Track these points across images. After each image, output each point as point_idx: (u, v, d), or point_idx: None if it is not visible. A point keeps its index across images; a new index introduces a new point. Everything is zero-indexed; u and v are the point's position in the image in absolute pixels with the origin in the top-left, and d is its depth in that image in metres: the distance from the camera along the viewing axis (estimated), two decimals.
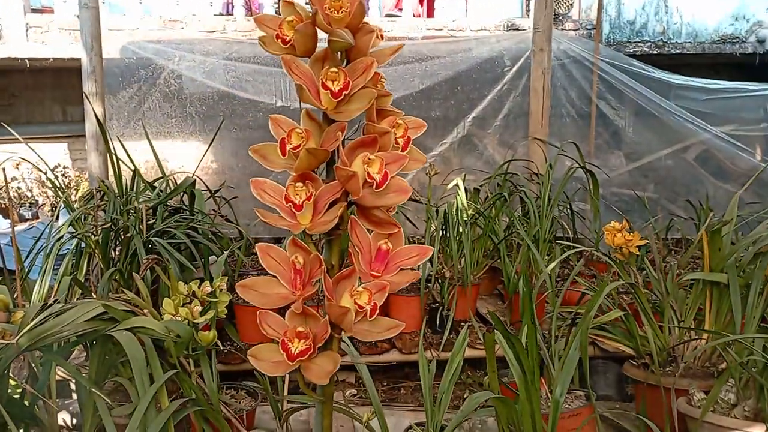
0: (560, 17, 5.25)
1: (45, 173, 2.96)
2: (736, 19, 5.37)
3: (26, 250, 2.73)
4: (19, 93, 5.43)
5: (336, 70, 0.79)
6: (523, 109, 3.91)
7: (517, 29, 5.13)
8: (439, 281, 2.96)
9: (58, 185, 2.89)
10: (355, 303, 0.76)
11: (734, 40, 5.37)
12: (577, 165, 3.23)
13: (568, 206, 3.17)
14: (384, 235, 0.80)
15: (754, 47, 5.45)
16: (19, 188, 5.50)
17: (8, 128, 2.64)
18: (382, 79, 0.87)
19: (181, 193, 2.93)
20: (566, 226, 3.25)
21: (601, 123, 4.17)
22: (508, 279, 2.89)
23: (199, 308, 1.70)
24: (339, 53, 0.82)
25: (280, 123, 0.82)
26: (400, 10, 5.45)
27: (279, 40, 0.82)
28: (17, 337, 1.47)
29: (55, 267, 2.53)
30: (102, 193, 2.70)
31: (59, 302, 1.68)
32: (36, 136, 5.48)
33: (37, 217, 5.34)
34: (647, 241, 2.20)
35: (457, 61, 3.96)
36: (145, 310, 1.73)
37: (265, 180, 0.80)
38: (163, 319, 1.71)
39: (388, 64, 4.06)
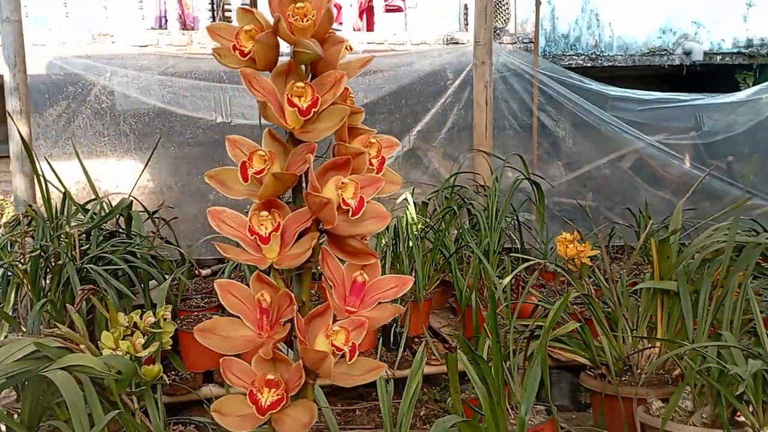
0: (498, 31, 5.34)
1: None
2: (664, 32, 5.60)
3: None
4: None
5: (302, 84, 0.71)
6: (467, 121, 3.93)
7: (456, 43, 5.18)
8: None
9: None
10: (332, 344, 0.69)
11: (662, 53, 5.61)
12: (522, 176, 3.26)
13: (515, 217, 3.18)
14: (358, 266, 0.73)
15: (681, 59, 5.70)
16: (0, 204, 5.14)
17: None
18: (350, 95, 0.80)
19: (117, 216, 2.78)
20: (514, 238, 3.26)
21: (542, 134, 4.24)
22: (460, 292, 2.86)
23: (142, 340, 1.59)
24: (304, 66, 0.75)
25: (239, 144, 0.73)
26: (340, 23, 5.41)
27: (237, 51, 0.73)
28: None
29: None
30: (29, 218, 2.52)
31: None
32: None
33: None
34: (599, 251, 2.21)
35: (401, 74, 3.95)
36: (82, 346, 1.59)
37: (223, 209, 0.72)
38: (101, 354, 1.59)
39: None
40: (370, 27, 5.83)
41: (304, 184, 0.71)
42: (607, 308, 2.25)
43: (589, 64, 5.46)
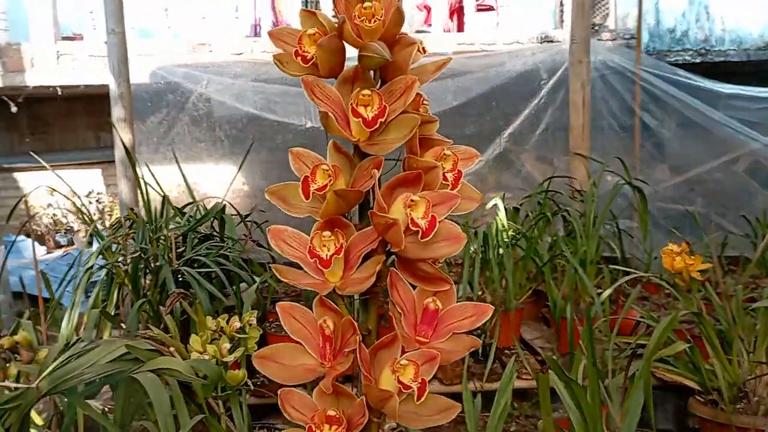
0: (596, 27, 5.08)
1: (70, 200, 2.91)
2: None
3: (60, 277, 2.68)
4: (53, 121, 5.47)
5: (369, 92, 0.65)
6: (562, 123, 3.75)
7: (551, 41, 4.98)
8: None
9: (86, 212, 2.83)
10: (398, 381, 0.62)
11: None
12: (623, 181, 3.06)
13: (615, 224, 2.99)
14: (430, 292, 0.66)
15: None
16: (54, 215, 5.53)
17: (36, 156, 2.59)
18: (424, 102, 0.72)
19: (212, 219, 2.85)
20: (613, 246, 3.07)
21: (645, 135, 3.98)
22: (554, 304, 2.72)
23: (228, 345, 1.59)
24: (372, 72, 0.69)
25: (303, 158, 0.68)
26: (429, 25, 5.36)
27: (299, 57, 0.67)
28: (37, 381, 1.38)
29: (89, 295, 2.46)
30: (131, 221, 2.63)
31: (83, 340, 1.58)
32: (71, 163, 5.51)
33: (73, 244, 5.34)
34: (710, 264, 2.02)
35: (491, 76, 3.83)
36: (172, 348, 1.62)
37: (285, 228, 0.66)
38: (190, 356, 1.61)
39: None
40: (460, 28, 5.73)
41: (371, 201, 0.65)
42: (720, 327, 2.05)
43: (697, 60, 5.09)
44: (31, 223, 5.29)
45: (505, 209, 2.99)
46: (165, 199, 2.73)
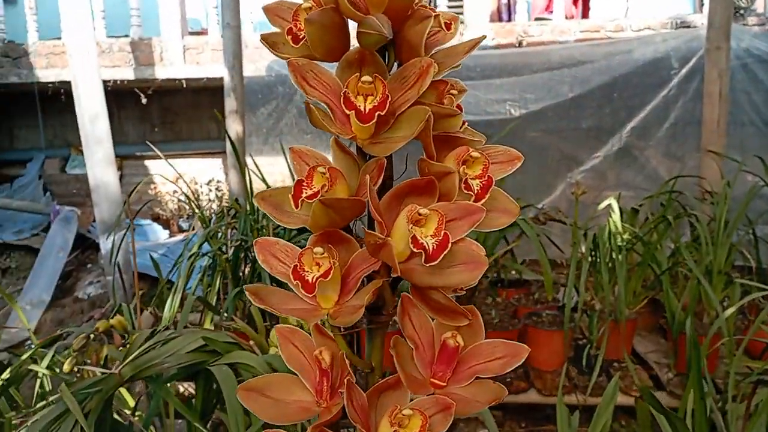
0: (741, 11, 4.56)
1: (189, 187, 3.04)
2: None
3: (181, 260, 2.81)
4: (181, 111, 5.80)
5: (370, 79, 0.51)
6: (693, 116, 3.39)
7: (687, 26, 4.54)
8: (587, 313, 2.60)
9: (195, 200, 2.93)
10: None
11: None
12: (762, 181, 2.70)
13: (751, 231, 2.65)
14: (451, 326, 0.53)
15: None
16: (179, 200, 5.87)
17: (153, 147, 2.71)
18: (451, 91, 0.57)
19: None
20: (747, 255, 2.72)
21: None
22: (672, 316, 2.45)
23: None
24: (387, 54, 0.56)
25: (305, 157, 0.56)
26: (551, 12, 5.07)
27: (290, 36, 0.55)
28: (120, 367, 1.41)
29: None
30: (234, 210, 2.69)
31: (168, 328, 1.61)
32: (196, 152, 5.84)
33: (194, 229, 5.65)
34: None
35: (614, 64, 3.53)
36: (252, 342, 1.62)
37: (276, 240, 0.55)
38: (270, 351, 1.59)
39: (532, 70, 3.74)
40: (585, 14, 5.38)
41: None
42: None
43: None
44: (156, 208, 5.66)
45: (621, 210, 2.73)
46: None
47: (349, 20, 0.54)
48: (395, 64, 0.55)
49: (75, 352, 1.63)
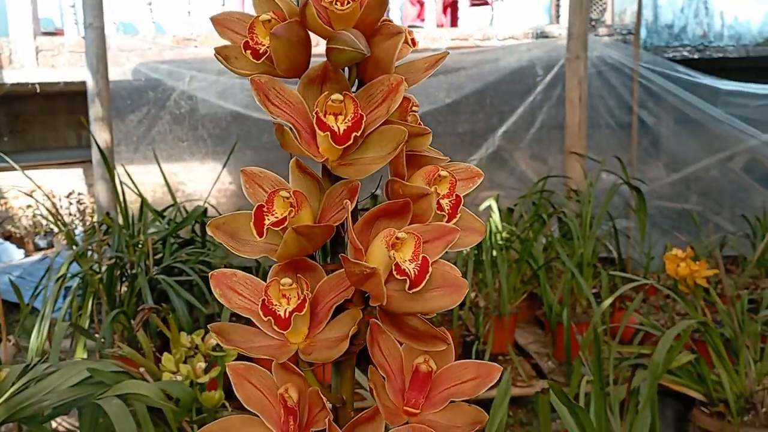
0: (593, 22, 4.98)
1: (49, 200, 2.78)
2: None
3: (35, 282, 2.55)
4: (33, 119, 5.32)
5: (341, 97, 0.48)
6: (557, 120, 3.64)
7: (546, 36, 4.87)
8: (473, 310, 2.70)
9: (59, 216, 2.69)
10: None
11: None
12: (621, 180, 2.96)
13: (612, 225, 2.89)
14: (421, 351, 0.51)
15: None
16: (34, 216, 5.38)
17: (5, 157, 2.46)
18: (413, 108, 0.55)
19: (193, 222, 2.73)
20: (610, 247, 2.97)
21: (642, 132, 3.88)
22: (549, 308, 2.62)
23: (203, 364, 1.48)
24: (348, 70, 0.53)
25: (258, 180, 0.52)
26: (423, 20, 5.23)
27: (248, 51, 0.52)
28: None
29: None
30: (106, 226, 2.50)
31: (44, 361, 1.46)
32: (51, 162, 5.37)
33: (52, 246, 5.19)
34: (717, 271, 1.91)
35: (485, 72, 3.71)
36: (142, 369, 1.51)
37: (233, 272, 0.50)
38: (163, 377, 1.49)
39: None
40: (454, 23, 5.62)
41: (345, 235, 0.51)
42: (723, 332, 1.95)
43: (695, 56, 4.99)
44: (8, 226, 5.14)
45: (499, 210, 2.87)
46: (143, 202, 2.61)
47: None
48: (357, 81, 0.53)
49: None
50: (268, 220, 0.47)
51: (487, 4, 5.47)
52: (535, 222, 2.87)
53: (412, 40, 0.56)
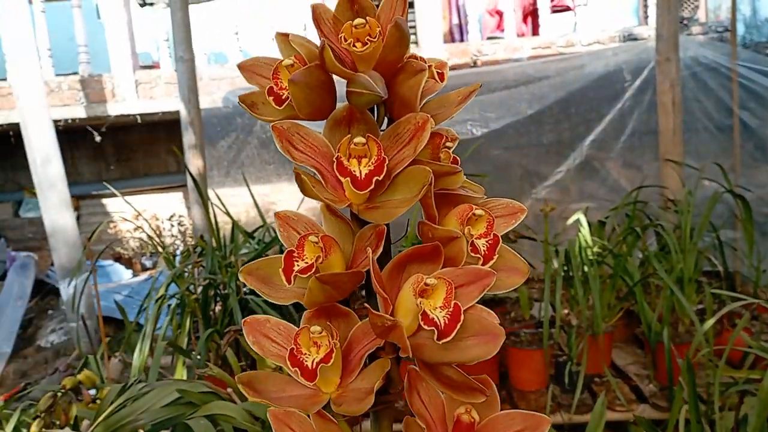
0: (685, 21, 4.72)
1: (149, 224, 2.94)
2: None
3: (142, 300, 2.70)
4: (136, 147, 5.68)
5: (362, 140, 0.47)
6: (650, 126, 3.47)
7: (635, 39, 4.66)
8: (565, 330, 2.60)
9: (158, 239, 2.84)
10: None
11: None
12: (722, 188, 2.76)
13: (716, 237, 2.70)
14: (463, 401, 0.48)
15: None
16: (141, 238, 5.71)
17: (108, 186, 2.63)
18: (447, 144, 0.52)
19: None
20: (714, 261, 2.77)
21: (744, 135, 3.62)
22: (648, 327, 2.47)
23: None
24: (376, 108, 0.52)
25: (292, 222, 0.52)
26: (502, 30, 5.16)
27: (272, 97, 0.50)
28: (92, 428, 1.33)
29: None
30: (201, 248, 2.61)
31: (141, 381, 1.53)
32: (154, 187, 5.70)
33: (157, 266, 5.50)
34: None
35: (569, 80, 3.60)
36: (229, 389, 1.55)
37: (267, 318, 0.50)
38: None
39: (490, 89, 3.78)
40: (535, 31, 5.49)
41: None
42: None
43: None
44: (117, 248, 5.50)
45: (589, 224, 2.76)
46: (234, 224, 2.70)
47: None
48: (385, 119, 0.52)
49: (42, 413, 1.54)
50: (297, 266, 0.46)
51: (569, 9, 5.32)
52: (628, 235, 2.73)
53: (440, 74, 0.54)
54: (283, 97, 0.50)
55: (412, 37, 6.57)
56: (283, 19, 4.86)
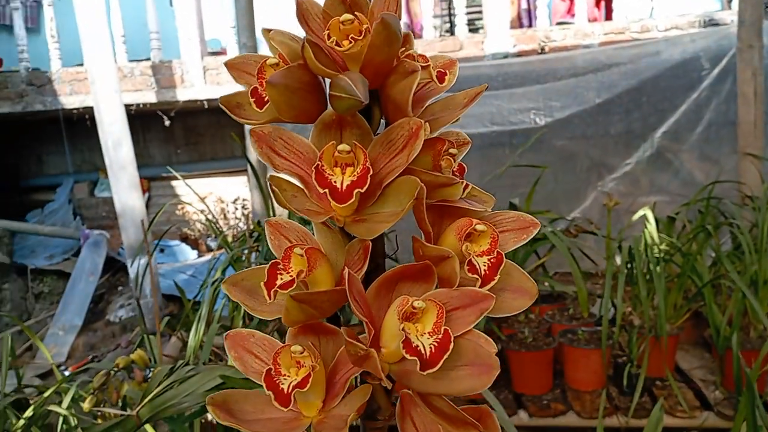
0: None
1: (206, 207, 3.00)
2: None
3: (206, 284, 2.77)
4: (204, 131, 5.82)
5: (347, 148, 0.43)
6: (728, 118, 3.26)
7: (716, 24, 4.39)
8: (626, 329, 2.49)
9: (215, 223, 2.90)
10: None
11: None
12: None
13: None
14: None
15: None
16: (207, 220, 5.87)
17: (174, 172, 2.70)
18: (449, 152, 0.47)
19: None
20: None
21: None
22: (716, 331, 2.33)
23: None
24: (373, 112, 0.47)
25: (284, 231, 0.48)
26: (573, 15, 4.96)
27: (254, 98, 0.47)
28: (138, 408, 1.37)
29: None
30: (257, 233, 2.65)
31: (189, 364, 1.56)
32: (220, 171, 5.84)
33: (221, 248, 5.63)
34: None
35: (642, 67, 3.41)
36: None
37: (251, 333, 0.47)
38: None
39: (557, 77, 3.64)
40: (609, 16, 5.26)
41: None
42: None
43: None
44: (184, 228, 5.68)
45: (657, 220, 2.62)
46: (290, 211, 2.72)
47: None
48: (382, 121, 0.47)
49: (95, 390, 1.60)
50: (281, 279, 0.43)
51: None
52: (700, 233, 2.58)
53: (440, 74, 0.49)
54: (266, 98, 0.47)
55: (478, 24, 6.41)
56: None
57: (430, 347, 0.40)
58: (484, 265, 0.44)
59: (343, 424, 0.41)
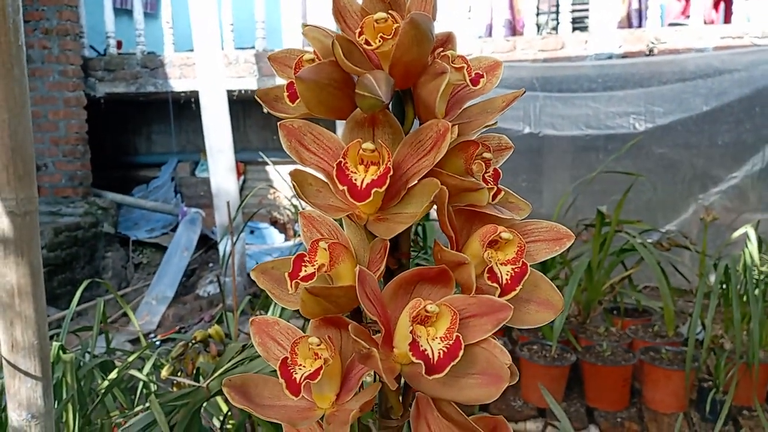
0: None
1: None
2: None
3: None
4: None
5: (371, 147, 0.42)
6: None
7: None
8: (715, 353, 2.34)
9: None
10: None
11: None
12: None
13: None
14: None
15: None
16: (295, 206, 6.04)
17: (263, 156, 2.80)
18: (482, 156, 0.46)
19: (416, 224, 2.81)
20: None
21: None
22: None
23: None
24: (406, 111, 0.47)
25: (317, 224, 0.48)
26: (687, 17, 4.67)
27: (288, 93, 0.48)
28: (208, 381, 1.43)
29: None
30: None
31: None
32: None
33: None
34: None
35: (758, 75, 3.17)
36: None
37: (276, 320, 0.48)
38: None
39: (662, 81, 3.45)
40: (727, 19, 4.91)
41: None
42: None
43: None
44: (274, 212, 5.87)
45: (759, 239, 2.44)
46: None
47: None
48: (414, 123, 0.47)
49: (173, 359, 1.69)
50: (304, 271, 0.44)
51: None
52: None
53: (475, 77, 0.47)
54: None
55: (587, 22, 6.18)
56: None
57: (439, 352, 0.39)
58: (507, 274, 0.43)
59: (345, 419, 0.42)
